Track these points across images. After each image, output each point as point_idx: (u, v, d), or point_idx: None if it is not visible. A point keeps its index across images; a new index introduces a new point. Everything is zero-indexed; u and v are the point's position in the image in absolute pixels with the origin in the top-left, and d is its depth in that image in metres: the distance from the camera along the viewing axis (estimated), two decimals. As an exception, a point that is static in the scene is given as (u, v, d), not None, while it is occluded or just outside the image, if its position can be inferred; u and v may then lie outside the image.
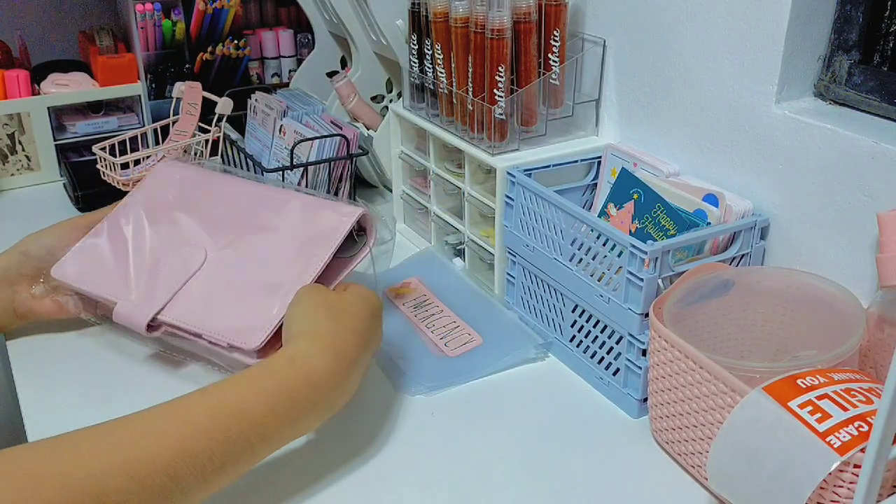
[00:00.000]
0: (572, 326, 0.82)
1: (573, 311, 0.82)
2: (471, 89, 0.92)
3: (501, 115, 0.90)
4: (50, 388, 0.80)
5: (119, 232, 0.85)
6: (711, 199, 0.78)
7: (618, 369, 0.77)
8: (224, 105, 1.15)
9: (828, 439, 0.52)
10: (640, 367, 0.74)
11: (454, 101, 0.95)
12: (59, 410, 0.77)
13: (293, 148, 1.06)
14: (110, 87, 1.26)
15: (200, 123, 1.16)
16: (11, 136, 1.22)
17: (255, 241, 0.82)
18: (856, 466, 0.52)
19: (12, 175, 1.24)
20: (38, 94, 1.23)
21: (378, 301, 0.74)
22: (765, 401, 0.56)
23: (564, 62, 0.92)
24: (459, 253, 1.02)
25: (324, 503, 0.67)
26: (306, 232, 0.80)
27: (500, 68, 0.88)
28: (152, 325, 0.78)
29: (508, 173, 0.87)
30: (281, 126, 1.11)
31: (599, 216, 0.85)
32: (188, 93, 1.17)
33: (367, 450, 0.72)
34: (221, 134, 1.15)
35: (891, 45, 0.75)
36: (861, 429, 0.53)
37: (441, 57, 0.95)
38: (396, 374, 0.82)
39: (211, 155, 1.15)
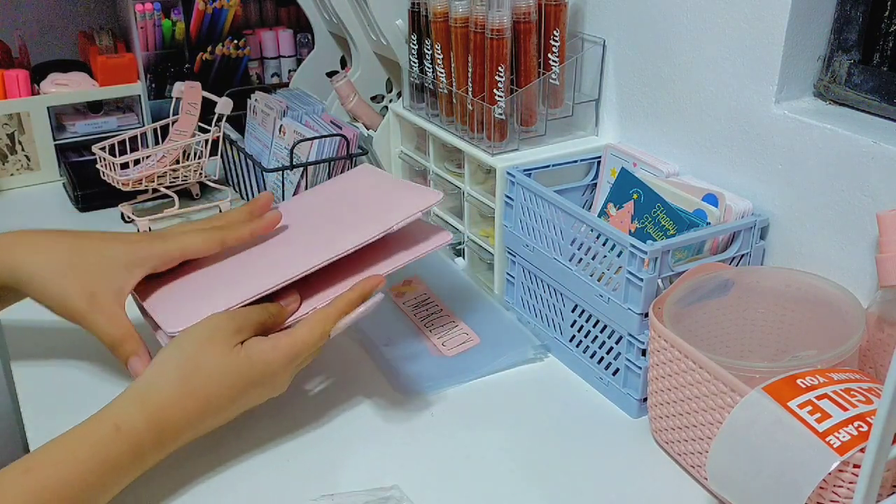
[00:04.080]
0: (572, 326, 0.82)
1: (573, 311, 0.82)
2: (471, 89, 0.92)
3: (501, 114, 0.90)
4: (50, 387, 0.80)
5: None
6: (711, 199, 0.78)
7: (617, 369, 0.77)
8: (224, 105, 1.15)
9: (827, 439, 0.52)
10: (640, 367, 0.74)
11: (454, 101, 0.95)
12: (59, 410, 0.77)
13: (293, 148, 1.06)
14: (110, 87, 1.26)
15: (200, 123, 1.16)
16: (11, 136, 1.22)
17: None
18: (855, 466, 0.52)
19: (12, 175, 1.24)
20: (38, 94, 1.23)
21: (274, 371, 0.67)
22: (765, 401, 0.56)
23: (564, 62, 0.92)
24: (459, 253, 1.02)
25: (323, 503, 0.66)
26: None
27: (499, 68, 0.88)
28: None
29: (508, 173, 0.87)
30: (281, 126, 1.11)
31: (599, 216, 0.85)
32: (188, 93, 1.17)
33: (367, 450, 0.72)
34: (221, 134, 1.15)
35: (891, 45, 0.75)
36: (861, 429, 0.53)
37: (441, 57, 0.95)
38: (394, 374, 0.82)
39: (211, 155, 1.15)
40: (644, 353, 0.74)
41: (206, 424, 0.66)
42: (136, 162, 1.12)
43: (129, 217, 1.12)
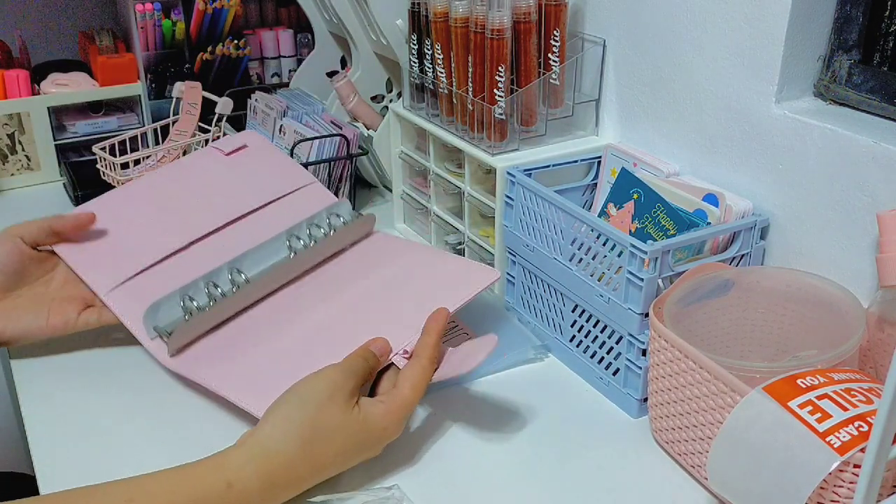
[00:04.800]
0: (572, 326, 0.82)
1: (573, 311, 0.82)
2: (471, 89, 0.92)
3: (501, 114, 0.90)
4: (51, 386, 0.80)
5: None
6: (711, 199, 0.78)
7: (618, 369, 0.77)
8: (224, 105, 1.15)
9: (828, 439, 0.52)
10: (640, 367, 0.74)
11: (454, 100, 0.95)
12: (59, 409, 0.77)
13: (293, 148, 1.06)
14: (110, 87, 1.26)
15: (200, 123, 1.16)
16: (11, 136, 1.22)
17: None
18: (856, 466, 0.52)
19: (12, 175, 1.24)
20: (38, 93, 1.23)
21: (389, 436, 0.68)
22: (765, 401, 0.56)
23: (564, 62, 0.92)
24: (459, 253, 1.01)
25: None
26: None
27: (500, 68, 0.88)
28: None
29: (508, 173, 0.87)
30: (281, 126, 1.11)
31: (599, 216, 0.85)
32: (188, 93, 1.17)
33: (367, 450, 0.72)
34: (221, 134, 1.16)
35: (891, 45, 0.75)
36: (861, 429, 0.53)
37: (441, 57, 0.95)
38: (396, 374, 0.82)
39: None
40: (644, 353, 0.74)
41: (309, 484, 0.65)
42: (137, 162, 1.12)
43: (129, 217, 1.12)
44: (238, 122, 1.22)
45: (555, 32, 0.90)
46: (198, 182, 0.93)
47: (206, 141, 1.14)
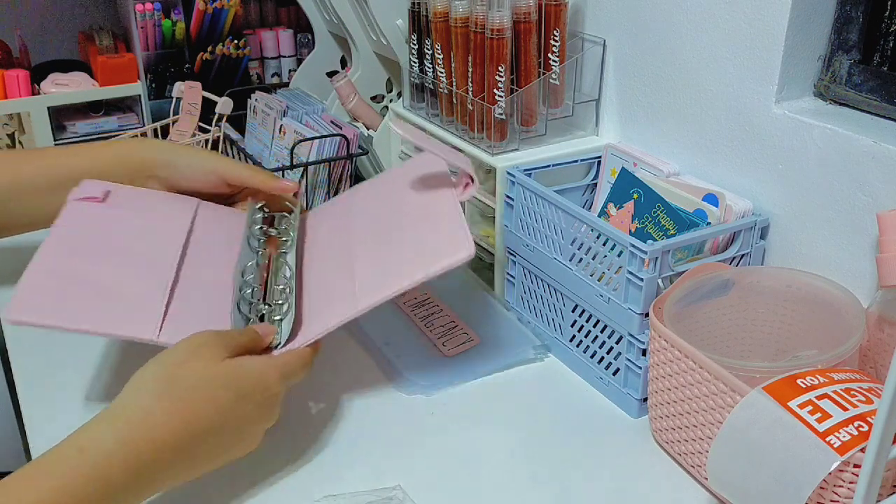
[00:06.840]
0: (572, 326, 0.82)
1: (573, 310, 0.82)
2: (471, 89, 0.92)
3: (501, 114, 0.90)
4: (50, 386, 0.80)
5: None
6: (711, 199, 0.78)
7: (618, 369, 0.77)
8: (224, 105, 1.15)
9: (828, 439, 0.52)
10: (640, 367, 0.74)
11: (454, 100, 0.95)
12: (59, 409, 0.77)
13: (293, 148, 1.06)
14: (110, 86, 1.26)
15: (200, 123, 1.16)
16: (11, 136, 1.22)
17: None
18: (856, 466, 0.52)
19: (12, 175, 1.24)
20: (38, 93, 1.23)
21: (269, 388, 0.64)
22: (765, 401, 0.56)
23: (564, 62, 0.92)
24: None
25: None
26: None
27: (500, 68, 0.88)
28: None
29: (508, 173, 0.87)
30: (281, 126, 1.11)
31: (599, 216, 0.85)
32: (188, 93, 1.17)
33: (368, 450, 0.72)
34: (221, 134, 1.16)
35: (891, 45, 0.75)
36: (861, 429, 0.53)
37: (441, 57, 0.95)
38: (394, 374, 0.82)
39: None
40: (644, 352, 0.74)
41: (192, 452, 0.60)
42: (137, 162, 1.12)
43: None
44: (238, 122, 1.22)
45: (555, 32, 0.90)
46: (114, 228, 0.79)
47: (207, 142, 1.14)
